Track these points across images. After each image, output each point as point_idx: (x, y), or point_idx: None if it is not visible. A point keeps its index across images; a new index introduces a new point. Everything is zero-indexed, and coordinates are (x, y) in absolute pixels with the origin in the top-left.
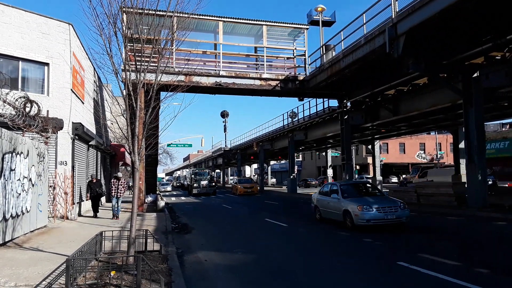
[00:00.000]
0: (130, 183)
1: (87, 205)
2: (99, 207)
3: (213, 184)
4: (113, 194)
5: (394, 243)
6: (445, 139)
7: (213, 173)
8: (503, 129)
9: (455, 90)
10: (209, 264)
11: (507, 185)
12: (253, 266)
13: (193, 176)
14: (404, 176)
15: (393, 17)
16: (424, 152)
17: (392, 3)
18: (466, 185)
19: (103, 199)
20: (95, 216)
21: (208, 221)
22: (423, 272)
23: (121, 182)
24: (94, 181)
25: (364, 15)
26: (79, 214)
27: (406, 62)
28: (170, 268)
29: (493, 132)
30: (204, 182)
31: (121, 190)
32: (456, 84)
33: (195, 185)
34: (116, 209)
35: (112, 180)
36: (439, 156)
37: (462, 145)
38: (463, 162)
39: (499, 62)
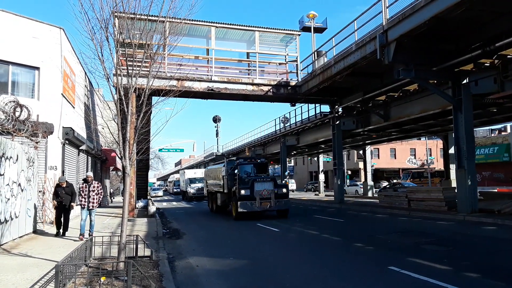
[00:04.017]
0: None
1: (77, 210)
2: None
3: (284, 191)
4: (83, 204)
5: (384, 247)
6: (435, 145)
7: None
8: (492, 134)
9: (445, 96)
10: (201, 269)
11: (496, 190)
12: (245, 271)
13: (233, 172)
14: (394, 181)
15: (384, 24)
16: (415, 158)
17: (383, 10)
18: (456, 190)
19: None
20: (58, 234)
21: (201, 227)
22: (414, 277)
23: (94, 186)
24: (64, 185)
25: (355, 21)
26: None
27: (396, 68)
28: (161, 274)
29: (482, 137)
30: (266, 187)
31: (94, 198)
32: (446, 90)
33: (242, 192)
34: (88, 224)
35: (81, 185)
36: (429, 161)
37: (452, 150)
38: (453, 167)
39: (488, 69)
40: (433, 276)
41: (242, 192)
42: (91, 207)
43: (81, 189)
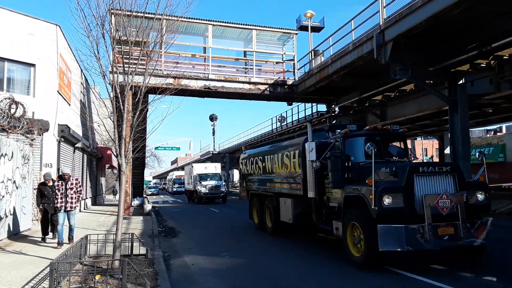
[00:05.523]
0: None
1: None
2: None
3: (481, 197)
4: (59, 205)
5: None
6: (431, 145)
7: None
8: (488, 135)
9: (441, 97)
10: (196, 268)
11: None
12: (241, 270)
13: (342, 153)
14: None
15: (380, 23)
16: None
17: (380, 10)
18: None
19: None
20: (44, 239)
21: (195, 224)
22: (408, 276)
23: (72, 183)
24: (50, 183)
25: (352, 21)
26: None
27: (393, 68)
28: (156, 272)
29: (478, 138)
30: (442, 187)
31: (72, 197)
32: (442, 90)
33: (386, 200)
34: (64, 228)
35: (56, 183)
36: (425, 161)
37: (447, 150)
38: None
39: (484, 70)
40: (428, 275)
41: (386, 200)
42: (69, 208)
43: (56, 187)
